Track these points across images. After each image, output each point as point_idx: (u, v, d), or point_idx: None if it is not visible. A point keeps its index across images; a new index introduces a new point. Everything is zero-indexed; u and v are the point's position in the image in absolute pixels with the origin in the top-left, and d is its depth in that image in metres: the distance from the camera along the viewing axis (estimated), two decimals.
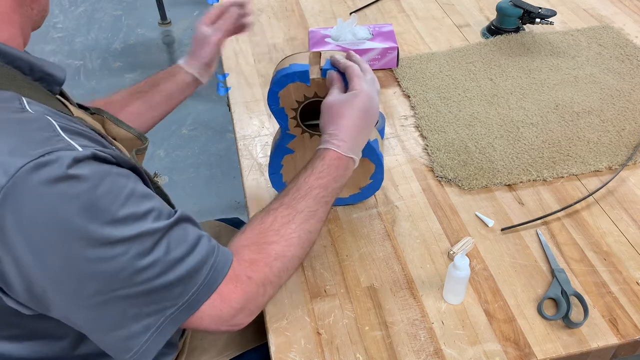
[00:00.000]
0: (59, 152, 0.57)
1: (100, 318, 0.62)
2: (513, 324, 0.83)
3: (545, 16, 1.41)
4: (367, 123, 0.82)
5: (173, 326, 0.66)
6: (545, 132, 1.15)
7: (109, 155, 0.62)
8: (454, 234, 0.97)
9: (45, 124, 0.61)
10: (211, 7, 1.30)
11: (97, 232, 0.58)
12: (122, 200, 0.61)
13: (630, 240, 0.95)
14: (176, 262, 0.64)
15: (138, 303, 0.62)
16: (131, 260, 0.60)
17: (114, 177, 0.61)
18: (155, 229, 0.63)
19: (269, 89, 0.88)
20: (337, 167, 0.79)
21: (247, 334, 0.98)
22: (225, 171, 2.36)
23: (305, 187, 0.77)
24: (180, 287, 0.64)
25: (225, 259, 0.69)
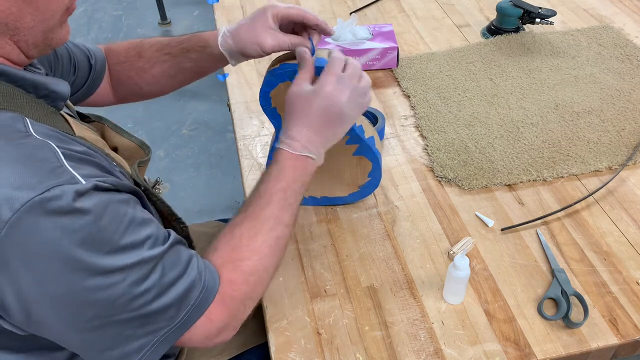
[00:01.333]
0: (62, 187, 0.58)
1: (95, 340, 0.63)
2: (513, 324, 0.83)
3: (545, 16, 1.41)
4: (327, 123, 0.79)
5: (166, 345, 0.67)
6: (545, 132, 1.15)
7: (110, 185, 0.63)
8: (454, 234, 0.97)
9: (50, 153, 0.61)
10: (211, 7, 1.29)
11: (97, 262, 0.59)
12: (122, 229, 0.62)
13: (630, 240, 0.95)
14: (170, 284, 0.66)
15: (133, 325, 0.64)
16: (129, 288, 0.62)
17: (114, 206, 0.62)
18: (152, 257, 0.64)
19: (261, 90, 0.88)
20: (294, 167, 0.77)
21: (246, 334, 0.98)
22: (225, 171, 2.36)
23: (266, 195, 0.76)
24: (174, 309, 0.66)
25: (214, 279, 0.71)
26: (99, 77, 0.99)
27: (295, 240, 0.97)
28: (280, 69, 0.85)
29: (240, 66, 1.41)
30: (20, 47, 0.67)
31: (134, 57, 0.99)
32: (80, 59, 0.96)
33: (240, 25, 0.88)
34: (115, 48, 1.02)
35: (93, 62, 0.98)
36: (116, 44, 1.02)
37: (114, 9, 3.55)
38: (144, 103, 2.74)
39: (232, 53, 0.91)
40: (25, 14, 0.63)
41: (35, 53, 0.69)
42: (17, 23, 0.64)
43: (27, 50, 0.67)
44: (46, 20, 0.66)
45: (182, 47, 0.96)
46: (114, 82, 1.02)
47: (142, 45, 0.99)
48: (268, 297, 0.88)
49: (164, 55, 0.97)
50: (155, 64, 0.98)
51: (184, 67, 0.97)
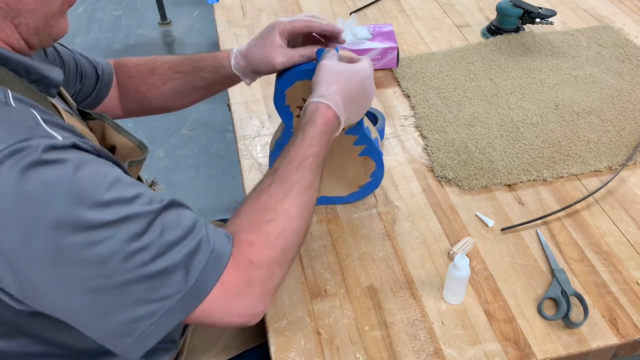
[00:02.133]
0: (37, 140, 0.56)
1: (97, 303, 0.59)
2: (513, 324, 0.83)
3: (545, 16, 1.41)
4: (360, 100, 0.81)
5: (181, 313, 0.62)
6: (545, 132, 1.15)
7: (91, 148, 0.61)
8: (454, 234, 0.97)
9: (27, 115, 0.60)
10: (211, 7, 1.29)
11: (80, 216, 0.56)
12: (106, 185, 0.59)
13: (630, 240, 0.95)
14: (172, 244, 0.61)
15: (139, 288, 0.60)
16: (122, 244, 0.58)
17: (96, 165, 0.60)
18: (147, 211, 0.60)
19: (276, 88, 0.88)
20: (327, 131, 0.76)
21: (246, 334, 0.98)
22: (225, 171, 2.36)
23: (297, 158, 0.73)
24: (181, 271, 0.61)
25: (225, 241, 0.66)
26: (106, 88, 1.00)
27: None
28: (299, 67, 0.86)
29: None
30: (20, 31, 0.66)
31: (145, 73, 1.00)
32: (87, 68, 0.97)
33: (251, 46, 0.91)
34: (126, 62, 1.02)
35: (100, 73, 0.98)
36: (127, 59, 1.03)
37: (114, 9, 3.56)
38: None
39: (245, 73, 0.93)
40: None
41: (35, 41, 0.68)
42: (18, 4, 0.63)
43: (27, 37, 0.67)
44: (48, 4, 0.66)
45: (194, 67, 0.97)
46: (123, 95, 1.03)
47: (154, 62, 1.00)
48: None
49: (176, 73, 0.98)
50: (167, 81, 0.98)
51: (195, 86, 0.98)
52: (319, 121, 0.76)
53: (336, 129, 0.78)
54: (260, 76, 0.94)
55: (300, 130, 0.76)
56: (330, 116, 0.77)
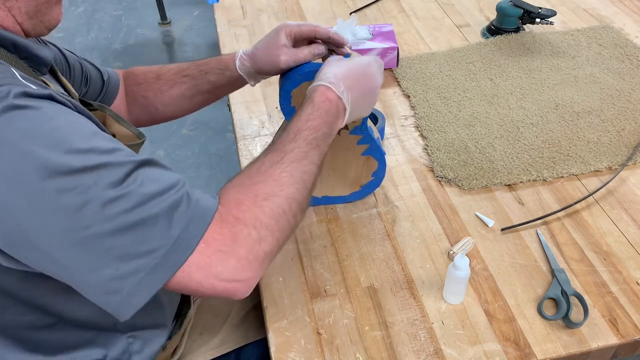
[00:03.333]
0: (8, 86, 0.55)
1: (81, 257, 0.58)
2: (513, 324, 0.83)
3: (545, 16, 1.41)
4: (364, 88, 0.82)
5: (166, 271, 0.60)
6: (545, 132, 1.16)
7: (69, 103, 0.60)
8: (454, 234, 0.97)
9: (5, 70, 0.59)
10: (211, 7, 1.29)
11: (54, 160, 0.55)
12: (83, 135, 0.58)
13: (630, 240, 0.95)
14: (153, 196, 0.59)
15: (122, 240, 0.58)
16: (99, 190, 0.56)
17: (74, 117, 0.59)
18: (125, 162, 0.59)
19: (282, 89, 0.88)
20: (328, 110, 0.76)
21: (246, 327, 0.98)
22: (225, 171, 2.36)
23: (293, 130, 0.73)
24: (164, 222, 0.59)
25: (209, 199, 0.65)
26: (112, 95, 1.01)
27: (295, 240, 0.97)
28: (306, 68, 0.86)
29: None
30: (14, 14, 0.66)
31: (152, 79, 1.01)
32: (93, 74, 0.98)
33: (257, 47, 0.92)
34: (134, 71, 1.04)
35: (106, 79, 0.99)
36: (135, 67, 1.04)
37: (114, 9, 3.55)
38: None
39: (249, 74, 0.94)
40: None
41: (29, 27, 0.69)
42: None
43: (21, 21, 0.67)
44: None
45: (200, 70, 0.98)
46: (130, 102, 1.04)
47: (160, 68, 1.02)
48: (268, 297, 0.88)
49: (183, 77, 0.99)
50: (174, 85, 0.99)
51: (202, 90, 0.99)
52: (316, 100, 0.76)
53: (339, 112, 0.78)
54: (265, 77, 0.95)
55: (300, 107, 0.77)
56: (329, 95, 0.77)
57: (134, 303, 0.60)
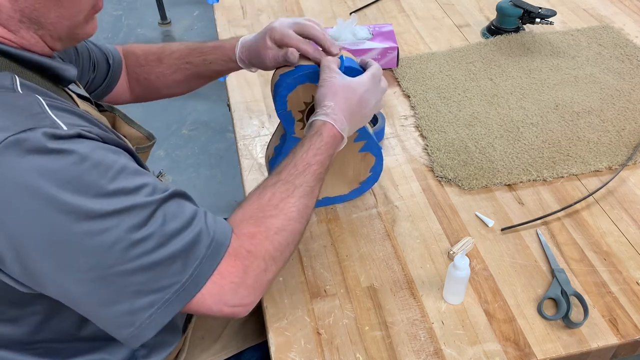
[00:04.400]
0: (41, 129, 0.57)
1: (99, 293, 0.61)
2: (513, 324, 0.83)
3: (545, 16, 1.41)
4: (361, 114, 0.84)
5: (178, 304, 0.64)
6: (545, 132, 1.15)
7: (96, 136, 0.62)
8: (454, 234, 0.97)
9: (33, 102, 0.60)
10: (211, 7, 1.28)
11: (84, 205, 0.57)
12: (111, 174, 0.60)
13: (630, 240, 0.95)
14: (173, 234, 0.63)
15: (140, 278, 0.61)
16: (125, 233, 0.59)
17: (103, 153, 0.60)
18: (150, 202, 0.62)
19: (277, 94, 0.87)
20: (332, 144, 0.80)
21: (246, 332, 0.98)
22: (225, 171, 2.36)
23: (302, 163, 0.76)
24: (181, 261, 0.63)
25: (225, 232, 0.68)
26: (116, 77, 1.02)
27: None
28: (299, 71, 0.86)
29: None
30: (45, 40, 0.68)
31: (154, 62, 1.01)
32: (99, 58, 0.98)
33: (250, 43, 0.93)
34: (134, 51, 1.04)
35: (111, 62, 1.00)
36: (135, 46, 1.05)
37: (114, 9, 3.55)
38: (144, 103, 2.74)
39: (246, 66, 0.97)
40: (49, 10, 0.64)
41: (59, 47, 0.70)
42: (41, 19, 0.65)
43: (51, 44, 0.68)
44: (71, 17, 0.67)
45: (204, 59, 0.99)
46: (132, 82, 1.05)
47: (162, 50, 1.02)
48: (268, 297, 0.88)
49: (185, 63, 1.00)
50: (176, 71, 1.01)
51: (204, 75, 1.02)
52: (325, 134, 0.79)
53: (340, 144, 0.82)
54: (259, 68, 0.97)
55: (307, 139, 0.79)
56: (335, 132, 0.80)
57: (145, 335, 0.64)
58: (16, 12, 0.63)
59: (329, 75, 0.82)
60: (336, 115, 0.80)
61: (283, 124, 0.91)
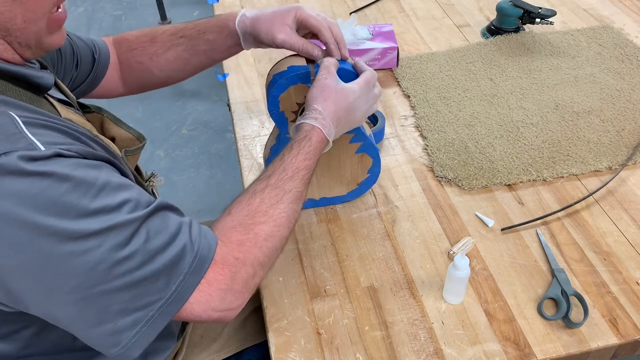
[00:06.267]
0: (14, 153, 0.56)
1: (83, 314, 0.60)
2: (513, 324, 0.83)
3: (545, 16, 1.41)
4: (348, 120, 0.84)
5: (163, 319, 0.64)
6: (545, 132, 1.15)
7: (75, 153, 0.61)
8: (454, 234, 0.97)
9: (8, 121, 0.59)
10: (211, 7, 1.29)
11: (65, 227, 0.57)
12: (93, 193, 0.59)
13: (630, 240, 0.95)
14: (157, 251, 0.62)
15: (122, 297, 0.61)
16: (108, 253, 0.59)
17: (82, 170, 0.60)
18: (132, 219, 0.61)
19: (269, 94, 0.88)
20: (319, 149, 0.80)
21: (246, 331, 0.98)
22: (225, 171, 2.36)
23: (292, 168, 0.76)
24: (164, 278, 0.63)
25: (209, 244, 0.67)
26: (102, 71, 0.99)
27: (295, 240, 0.97)
28: (291, 72, 0.86)
29: (240, 66, 1.41)
30: (14, 47, 0.67)
31: (147, 43, 0.99)
32: (83, 53, 0.96)
33: (262, 13, 0.91)
34: (127, 37, 1.02)
35: (97, 56, 0.98)
36: (128, 33, 1.02)
37: (114, 9, 3.56)
38: (144, 103, 2.75)
39: (246, 35, 0.93)
40: (15, 14, 0.63)
41: (29, 54, 0.69)
42: (7, 24, 0.63)
43: (21, 52, 0.67)
44: (37, 20, 0.65)
45: (198, 29, 0.96)
46: (124, 70, 1.02)
47: (155, 31, 1.00)
48: (268, 297, 0.88)
49: (179, 38, 0.97)
50: (170, 47, 0.98)
51: (199, 50, 0.97)
52: (314, 139, 0.79)
53: (325, 148, 0.82)
54: (258, 47, 0.94)
55: (296, 143, 0.78)
56: (323, 137, 0.80)
57: (132, 353, 0.64)
58: None
59: (324, 76, 0.82)
60: (324, 120, 0.80)
61: (276, 124, 0.92)
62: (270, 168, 0.77)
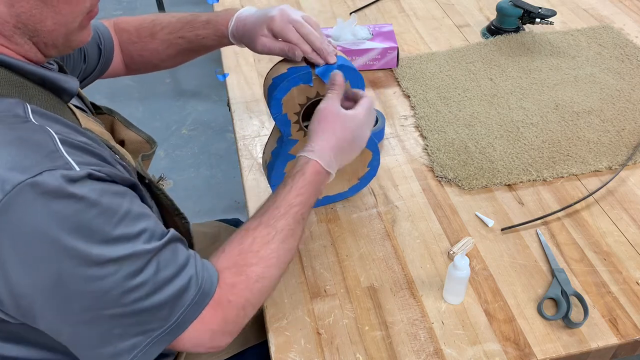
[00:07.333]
0: (56, 172, 0.57)
1: (87, 334, 0.62)
2: (513, 324, 0.83)
3: (545, 16, 1.41)
4: (352, 149, 0.84)
5: (159, 347, 0.66)
6: (545, 132, 1.15)
7: (105, 175, 0.63)
8: (454, 234, 0.97)
9: (47, 137, 0.61)
10: (211, 7, 1.28)
11: (88, 251, 0.58)
12: (116, 220, 0.61)
13: (630, 240, 0.95)
14: (165, 282, 0.64)
15: (126, 322, 0.63)
16: (121, 280, 0.61)
17: (108, 197, 0.61)
18: (147, 250, 0.63)
19: (273, 98, 0.87)
20: (316, 182, 0.79)
21: (246, 333, 0.98)
22: (225, 171, 2.36)
23: (284, 205, 0.76)
24: (167, 308, 0.65)
25: (211, 279, 0.69)
26: (108, 59, 1.01)
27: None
28: (292, 73, 0.85)
29: (240, 66, 1.41)
30: (39, 47, 0.67)
31: (147, 38, 1.01)
32: (90, 46, 0.97)
33: (245, 24, 0.92)
34: (126, 27, 1.03)
35: (102, 48, 0.99)
36: (126, 22, 1.04)
37: (114, 8, 3.56)
38: (144, 103, 2.75)
39: (240, 44, 0.96)
40: (46, 17, 0.63)
41: (54, 53, 0.69)
42: (37, 25, 0.64)
43: (45, 51, 0.68)
44: (67, 23, 0.66)
45: (196, 34, 0.98)
46: (127, 58, 1.04)
47: (153, 25, 1.01)
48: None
49: (178, 38, 1.00)
50: (170, 46, 1.01)
51: (196, 50, 1.02)
52: (308, 172, 0.79)
53: (326, 180, 0.81)
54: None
55: (290, 178, 0.79)
56: (319, 169, 0.80)
57: None
58: (12, 17, 0.62)
59: (327, 104, 0.82)
60: (323, 151, 0.80)
61: (279, 127, 0.91)
62: (265, 204, 0.78)
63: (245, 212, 1.05)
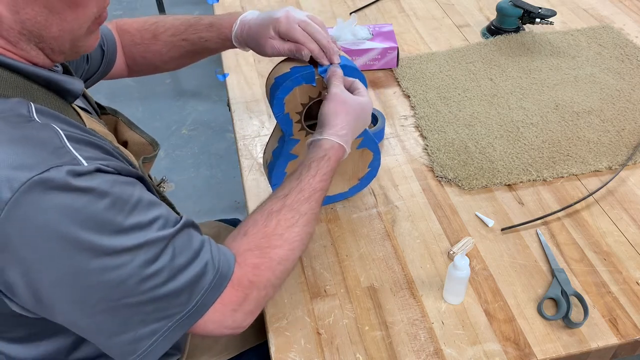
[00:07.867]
0: (63, 167, 0.57)
1: (106, 324, 0.63)
2: (513, 324, 0.83)
3: (545, 16, 1.41)
4: (359, 127, 0.85)
5: (180, 331, 0.66)
6: (545, 132, 1.15)
7: (113, 169, 0.63)
8: (454, 234, 0.97)
9: (52, 133, 0.61)
10: (211, 7, 1.28)
11: (102, 243, 0.59)
12: (128, 209, 0.61)
13: (630, 240, 0.95)
14: (182, 268, 0.65)
15: (146, 309, 0.63)
16: (138, 269, 0.61)
17: (119, 187, 0.62)
18: (161, 237, 0.63)
19: (275, 97, 0.87)
20: (336, 167, 0.81)
21: (246, 334, 0.98)
22: (225, 171, 2.36)
23: (309, 189, 0.77)
24: (186, 294, 0.65)
25: (228, 262, 0.69)
26: (111, 60, 1.01)
27: None
28: (295, 73, 0.85)
29: (240, 66, 1.41)
30: (45, 53, 0.67)
31: (149, 40, 1.01)
32: None
33: (250, 27, 0.92)
34: (128, 29, 1.03)
35: (105, 49, 0.99)
36: (128, 23, 1.04)
37: (114, 8, 3.56)
38: (144, 103, 2.75)
39: (245, 49, 0.96)
40: (51, 24, 0.63)
41: (61, 58, 0.69)
42: (42, 32, 0.64)
43: (52, 56, 0.68)
44: (73, 30, 0.66)
45: (199, 36, 0.98)
46: (129, 60, 1.04)
47: (156, 27, 1.01)
48: None
49: (181, 40, 1.00)
50: (172, 48, 1.01)
51: (199, 52, 1.02)
52: (333, 158, 0.80)
53: (341, 159, 0.83)
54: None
55: (315, 162, 0.79)
56: (341, 154, 0.81)
57: (149, 358, 0.66)
58: (17, 23, 0.62)
59: (337, 90, 0.82)
60: (347, 135, 0.81)
61: (281, 127, 0.91)
62: (287, 185, 0.78)
63: (245, 212, 1.05)
